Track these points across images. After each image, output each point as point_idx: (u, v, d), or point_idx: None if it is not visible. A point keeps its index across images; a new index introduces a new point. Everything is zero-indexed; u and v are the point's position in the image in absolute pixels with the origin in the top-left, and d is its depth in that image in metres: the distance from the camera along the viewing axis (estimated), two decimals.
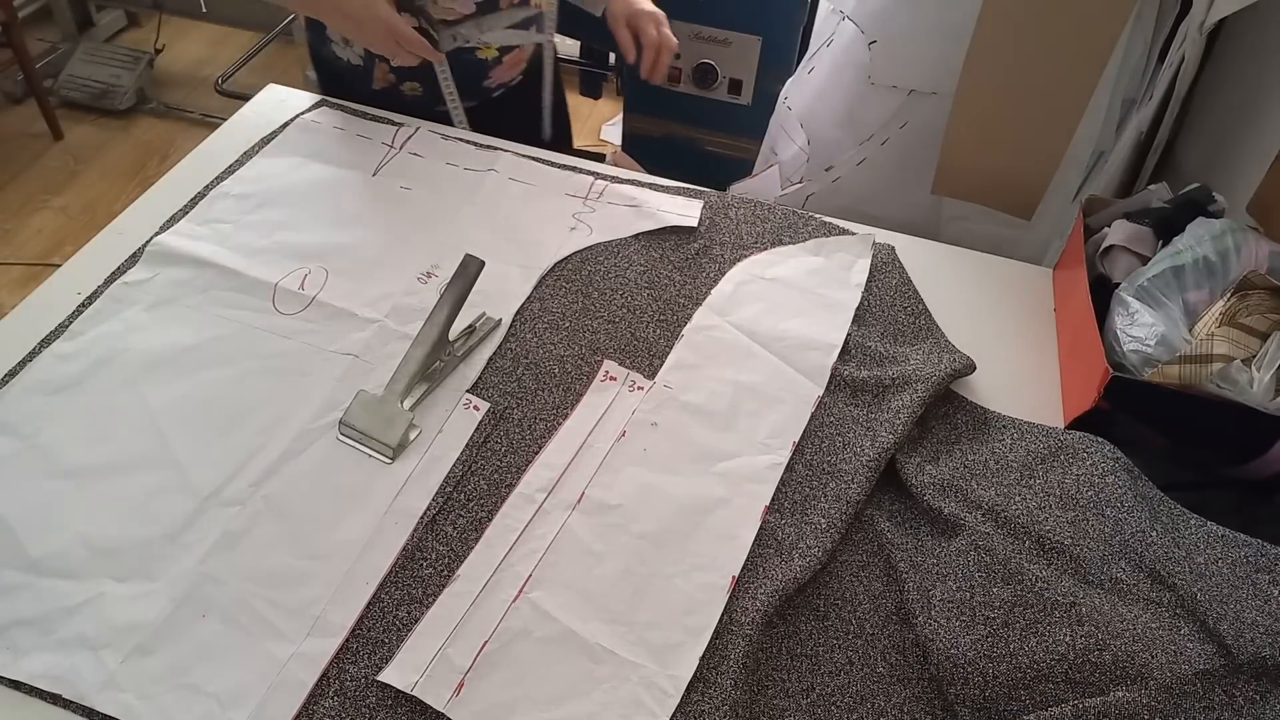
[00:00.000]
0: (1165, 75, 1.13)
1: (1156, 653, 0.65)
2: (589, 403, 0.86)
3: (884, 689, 0.69)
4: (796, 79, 1.43)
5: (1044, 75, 1.12)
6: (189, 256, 0.97)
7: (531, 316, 0.95)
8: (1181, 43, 1.10)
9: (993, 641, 0.67)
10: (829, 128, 1.32)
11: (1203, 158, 1.19)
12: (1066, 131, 1.15)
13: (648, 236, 1.06)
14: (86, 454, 0.79)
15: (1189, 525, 0.74)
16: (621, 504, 0.78)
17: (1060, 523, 0.75)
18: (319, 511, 0.76)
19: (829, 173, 1.33)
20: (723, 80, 1.70)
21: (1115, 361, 0.84)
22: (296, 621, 0.69)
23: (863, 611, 0.73)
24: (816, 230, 1.07)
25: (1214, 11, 1.04)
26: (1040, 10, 1.08)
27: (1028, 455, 0.82)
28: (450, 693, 0.65)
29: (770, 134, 1.50)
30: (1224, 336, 0.78)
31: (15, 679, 0.65)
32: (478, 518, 0.77)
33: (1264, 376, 0.75)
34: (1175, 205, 0.96)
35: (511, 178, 1.12)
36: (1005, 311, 1.01)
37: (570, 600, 0.71)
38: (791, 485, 0.81)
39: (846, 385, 0.90)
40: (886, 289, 1.01)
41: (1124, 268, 0.93)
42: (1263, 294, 0.79)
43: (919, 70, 1.21)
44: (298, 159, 1.11)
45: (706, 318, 0.96)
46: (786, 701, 0.68)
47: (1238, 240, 0.85)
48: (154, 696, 0.65)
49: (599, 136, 2.71)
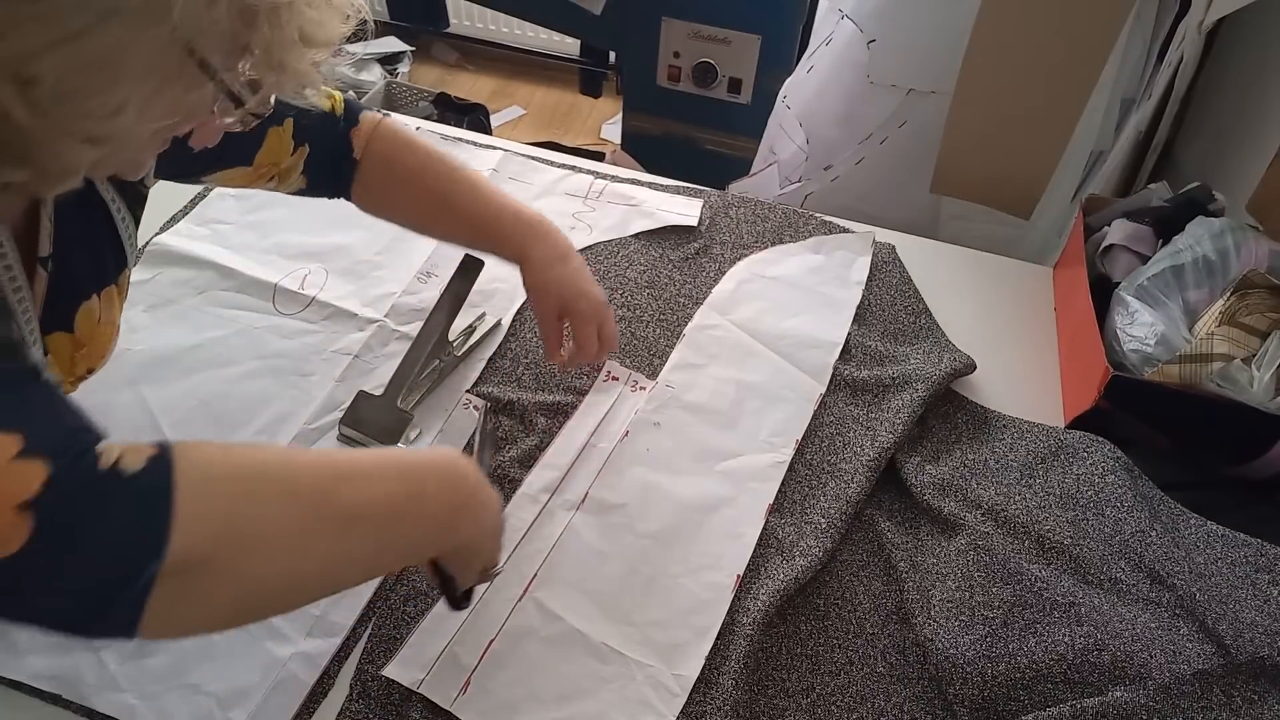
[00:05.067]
0: (1164, 74, 1.13)
1: (1155, 653, 0.66)
2: (591, 403, 0.86)
3: (884, 689, 0.69)
4: (795, 78, 1.42)
5: (1043, 74, 1.12)
6: (189, 256, 0.97)
7: (531, 316, 0.95)
8: (1180, 42, 1.10)
9: (992, 641, 0.67)
10: (828, 127, 1.32)
11: (1202, 157, 1.19)
12: (1066, 130, 1.15)
13: (648, 236, 1.06)
14: None
15: (1189, 525, 0.74)
16: (625, 504, 0.78)
17: (1060, 522, 0.75)
18: None
19: (828, 172, 1.33)
20: (722, 79, 1.70)
21: (1115, 361, 0.84)
22: (296, 621, 0.69)
23: (863, 611, 0.73)
24: (817, 229, 1.07)
25: (1213, 11, 1.04)
26: (1039, 9, 1.08)
27: (1028, 455, 0.82)
28: (457, 691, 0.66)
29: (769, 133, 1.49)
30: (1224, 336, 0.78)
31: (15, 679, 0.65)
32: None
33: (1264, 376, 0.75)
34: (1175, 204, 0.96)
35: (511, 177, 1.11)
36: (1005, 311, 1.01)
37: (576, 600, 0.72)
38: (792, 485, 0.81)
39: (846, 385, 0.90)
40: (887, 288, 1.01)
41: (1124, 267, 0.93)
42: (1263, 293, 0.79)
43: (918, 69, 1.21)
44: None
45: (707, 317, 0.96)
46: (786, 701, 0.68)
47: (1237, 239, 0.85)
48: (154, 696, 0.65)
49: (599, 135, 2.71)
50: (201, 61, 0.45)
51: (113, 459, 0.41)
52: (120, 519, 0.41)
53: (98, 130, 0.44)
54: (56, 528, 0.38)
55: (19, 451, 0.38)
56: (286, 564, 0.47)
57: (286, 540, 0.46)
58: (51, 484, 0.38)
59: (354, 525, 0.49)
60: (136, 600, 0.41)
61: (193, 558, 0.42)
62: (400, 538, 0.53)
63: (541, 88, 2.88)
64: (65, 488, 0.39)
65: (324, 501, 0.48)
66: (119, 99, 0.43)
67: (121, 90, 0.43)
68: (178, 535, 0.41)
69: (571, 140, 2.61)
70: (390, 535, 0.52)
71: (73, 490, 0.39)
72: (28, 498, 0.38)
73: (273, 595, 0.47)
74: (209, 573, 0.43)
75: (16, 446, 0.38)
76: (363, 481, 0.51)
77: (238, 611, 0.47)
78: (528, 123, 2.76)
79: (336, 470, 0.50)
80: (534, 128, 2.73)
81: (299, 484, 0.48)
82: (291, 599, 0.50)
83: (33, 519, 0.38)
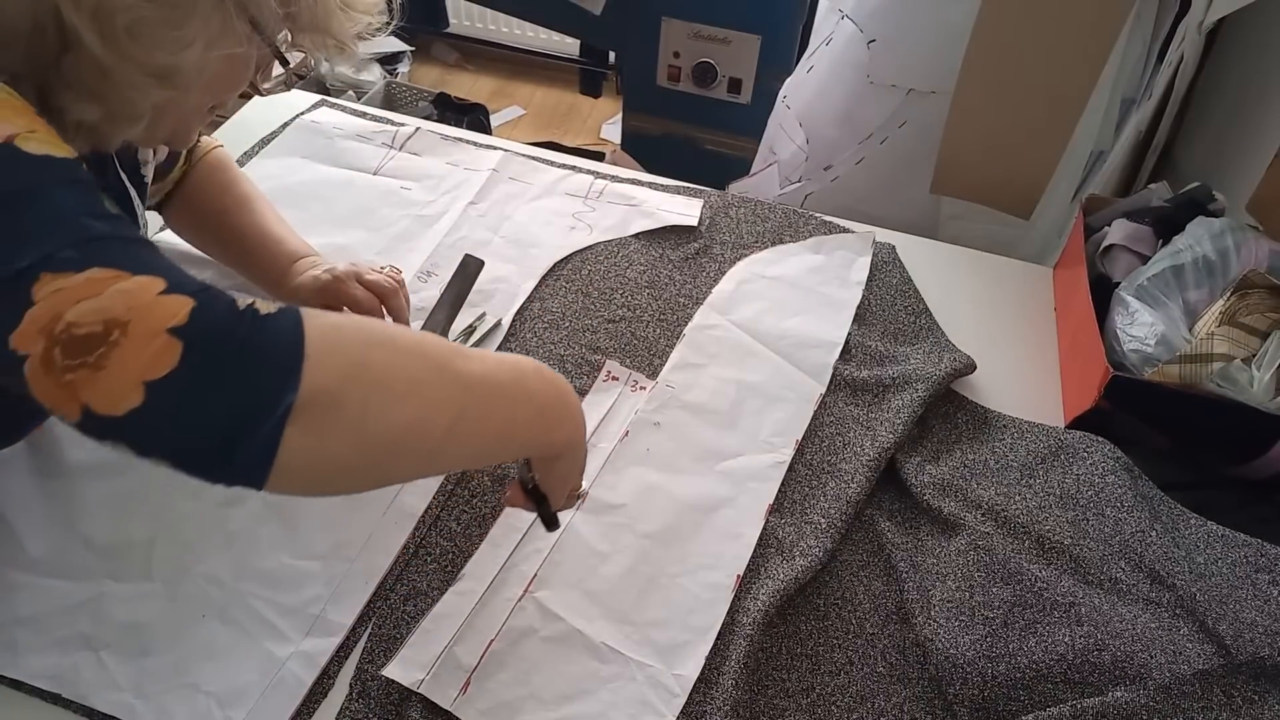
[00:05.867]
0: (1164, 74, 1.13)
1: (1155, 653, 0.66)
2: (591, 403, 0.86)
3: (884, 689, 0.69)
4: (795, 78, 1.42)
5: (1043, 74, 1.12)
6: (189, 255, 0.96)
7: (531, 316, 0.95)
8: (1180, 42, 1.10)
9: (992, 641, 0.67)
10: (828, 127, 1.32)
11: (1202, 157, 1.19)
12: (1066, 131, 1.15)
13: (648, 236, 1.05)
14: (87, 453, 0.78)
15: (1189, 525, 0.74)
16: (625, 504, 0.78)
17: (1060, 522, 0.75)
18: (319, 512, 0.76)
19: (828, 172, 1.33)
20: (722, 79, 1.70)
21: (1115, 361, 0.84)
22: (295, 621, 0.69)
23: (863, 611, 0.73)
24: (817, 229, 1.07)
25: (1213, 11, 1.04)
26: (1039, 9, 1.08)
27: (1028, 455, 0.82)
28: (457, 691, 0.66)
29: (769, 133, 1.49)
30: (1224, 336, 0.78)
31: (15, 678, 0.65)
32: (481, 514, 0.77)
33: (1264, 376, 0.75)
34: (1175, 204, 0.96)
35: (511, 177, 1.11)
36: (1005, 311, 1.01)
37: (576, 600, 0.72)
38: (791, 485, 0.81)
39: (847, 385, 0.90)
40: (887, 288, 1.01)
41: (1124, 267, 0.93)
42: (1263, 293, 0.79)
43: (918, 69, 1.21)
44: (297, 159, 1.11)
45: (708, 317, 0.96)
46: (786, 701, 0.68)
47: (1237, 239, 0.85)
48: (153, 696, 0.65)
49: (599, 135, 2.71)
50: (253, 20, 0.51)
51: (247, 302, 0.45)
52: (259, 350, 0.43)
53: (168, 62, 0.50)
54: (203, 352, 0.42)
55: (164, 289, 0.43)
56: (414, 410, 0.48)
57: (412, 386, 0.48)
58: (196, 314, 0.42)
59: (471, 391, 0.51)
60: (274, 432, 0.42)
61: (324, 394, 0.44)
62: (509, 419, 0.55)
63: (541, 88, 2.88)
64: (209, 317, 0.43)
65: (446, 364, 0.50)
66: (189, 34, 0.49)
67: (191, 26, 0.49)
68: (310, 369, 0.43)
69: (571, 140, 2.61)
70: (502, 412, 0.54)
71: (216, 320, 0.43)
72: (176, 324, 0.41)
73: (399, 444, 0.48)
74: (339, 411, 0.45)
75: (161, 285, 0.43)
76: (476, 358, 0.53)
77: (366, 457, 0.47)
78: (528, 123, 2.76)
79: (451, 345, 0.53)
80: (534, 128, 2.73)
81: (423, 344, 0.50)
82: (416, 455, 0.50)
83: (181, 344, 0.41)
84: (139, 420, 0.41)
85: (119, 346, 0.41)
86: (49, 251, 0.42)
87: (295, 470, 0.44)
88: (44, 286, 0.41)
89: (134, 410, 0.41)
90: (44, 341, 0.41)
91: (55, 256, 0.42)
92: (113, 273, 0.42)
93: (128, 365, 0.41)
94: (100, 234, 0.44)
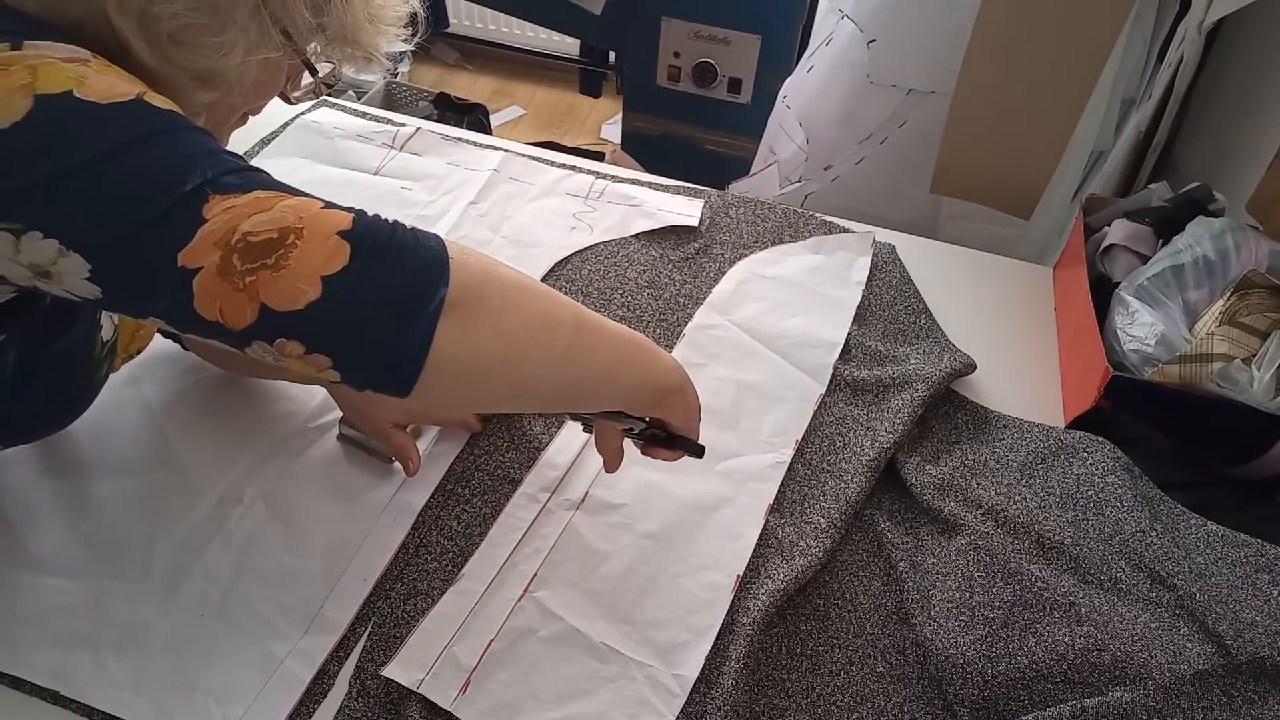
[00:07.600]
0: (1164, 74, 1.13)
1: (1155, 653, 0.66)
2: None
3: (884, 689, 0.69)
4: (795, 78, 1.43)
5: (1043, 74, 1.12)
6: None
7: None
8: (1180, 42, 1.10)
9: (992, 641, 0.67)
10: (828, 127, 1.32)
11: (1202, 157, 1.19)
12: (1065, 131, 1.15)
13: (648, 236, 1.06)
14: (87, 452, 0.78)
15: (1189, 525, 0.74)
16: (625, 504, 0.78)
17: (1060, 522, 0.75)
18: (318, 511, 0.76)
19: (828, 172, 1.33)
20: (722, 79, 1.70)
21: (1115, 361, 0.84)
22: (294, 619, 0.69)
23: (863, 611, 0.73)
24: (817, 229, 1.07)
25: (1213, 11, 1.04)
26: (1039, 9, 1.08)
27: (1028, 455, 0.82)
28: (457, 691, 0.65)
29: (769, 133, 1.50)
30: (1224, 336, 0.78)
31: (14, 675, 0.65)
32: (481, 513, 0.77)
33: (1264, 376, 0.75)
34: (1175, 204, 0.96)
35: (512, 177, 1.11)
36: (1005, 311, 1.01)
37: (575, 599, 0.71)
38: (791, 485, 0.81)
39: (846, 385, 0.90)
40: (887, 288, 1.01)
41: (1124, 267, 0.93)
42: (1263, 293, 0.79)
43: (918, 69, 1.21)
44: (298, 159, 1.11)
45: (707, 317, 0.96)
46: (786, 701, 0.68)
47: (1238, 239, 0.85)
48: (151, 694, 0.65)
49: (599, 135, 2.71)
50: (286, 30, 0.56)
51: (393, 219, 0.50)
52: (413, 252, 0.49)
53: (211, 66, 0.54)
54: (369, 250, 0.47)
55: (323, 206, 0.48)
56: (542, 305, 0.54)
57: (538, 289, 0.55)
58: (358, 222, 0.48)
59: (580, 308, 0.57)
60: (429, 322, 0.47)
61: (470, 289, 0.49)
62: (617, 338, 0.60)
63: (541, 88, 2.88)
64: (370, 225, 0.48)
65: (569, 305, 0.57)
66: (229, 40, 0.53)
67: (230, 33, 0.53)
68: (455, 269, 0.49)
69: (571, 140, 2.61)
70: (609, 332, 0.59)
71: (375, 227, 0.48)
72: (344, 229, 0.47)
73: (534, 337, 0.53)
74: (483, 305, 0.50)
75: (320, 203, 0.48)
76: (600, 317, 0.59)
77: (506, 348, 0.51)
78: (527, 123, 2.76)
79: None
80: (534, 128, 2.73)
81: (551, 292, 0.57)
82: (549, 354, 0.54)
83: (349, 244, 0.46)
84: (318, 311, 0.46)
85: (296, 248, 0.45)
86: (212, 176, 0.46)
87: (445, 361, 0.48)
88: (214, 206, 0.45)
89: (313, 303, 0.45)
90: (220, 252, 0.45)
91: (219, 180, 0.46)
92: (274, 194, 0.47)
93: (307, 262, 0.45)
94: (249, 165, 0.49)
